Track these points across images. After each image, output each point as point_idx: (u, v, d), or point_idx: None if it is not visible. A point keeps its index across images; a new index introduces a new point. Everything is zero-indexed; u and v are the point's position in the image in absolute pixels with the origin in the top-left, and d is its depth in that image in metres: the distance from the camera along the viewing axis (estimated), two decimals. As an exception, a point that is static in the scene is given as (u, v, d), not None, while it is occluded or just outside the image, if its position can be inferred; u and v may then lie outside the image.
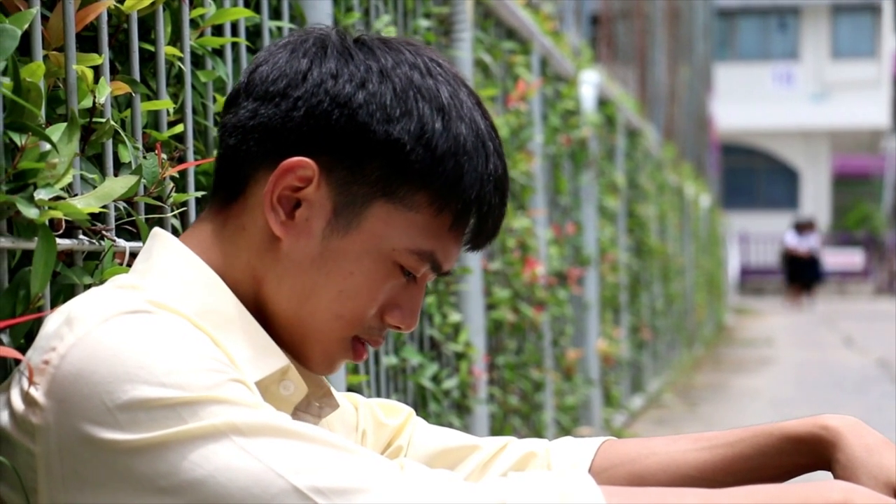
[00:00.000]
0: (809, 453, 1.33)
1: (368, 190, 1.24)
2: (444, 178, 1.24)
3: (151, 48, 1.59)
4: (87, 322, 1.12)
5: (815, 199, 32.75)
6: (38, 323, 1.22)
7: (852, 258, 27.44)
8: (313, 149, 1.24)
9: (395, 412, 1.48)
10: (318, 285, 1.26)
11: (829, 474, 1.31)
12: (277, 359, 1.25)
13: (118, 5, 1.49)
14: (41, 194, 1.22)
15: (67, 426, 1.09)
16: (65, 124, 1.27)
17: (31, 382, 1.11)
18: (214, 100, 1.77)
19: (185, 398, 1.08)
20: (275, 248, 1.26)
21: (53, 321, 1.14)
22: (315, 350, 1.29)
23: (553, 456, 1.44)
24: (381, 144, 1.23)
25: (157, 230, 1.30)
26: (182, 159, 1.61)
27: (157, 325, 1.13)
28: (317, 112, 1.23)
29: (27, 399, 1.11)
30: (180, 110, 1.66)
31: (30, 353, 1.14)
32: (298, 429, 1.09)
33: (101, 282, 1.33)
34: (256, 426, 1.08)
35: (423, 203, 1.25)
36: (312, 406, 1.34)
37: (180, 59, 1.64)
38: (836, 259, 27.65)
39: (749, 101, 31.14)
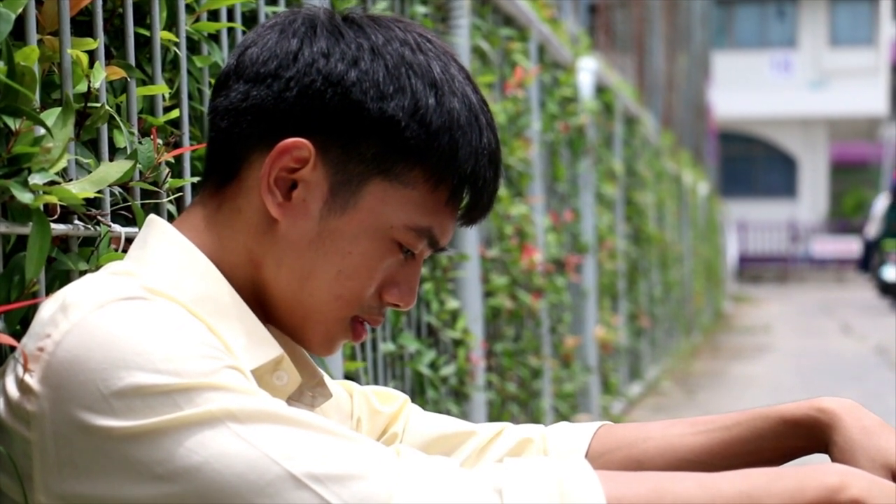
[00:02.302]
0: (806, 436, 1.33)
1: (364, 168, 1.24)
2: (439, 153, 1.24)
3: (147, 33, 1.58)
4: (82, 308, 1.11)
5: (813, 186, 32.75)
6: (33, 309, 1.21)
7: (850, 246, 27.40)
8: (307, 129, 1.23)
9: (390, 399, 1.48)
10: (317, 266, 1.25)
11: (826, 457, 1.30)
12: (272, 348, 1.24)
13: (113, -10, 1.49)
14: (36, 179, 1.22)
15: (62, 413, 1.08)
16: (59, 109, 1.26)
17: (25, 369, 1.10)
18: (210, 85, 1.76)
19: (180, 385, 1.07)
20: (272, 231, 1.25)
21: (48, 308, 1.14)
22: (315, 331, 1.29)
23: (549, 441, 1.43)
24: (375, 122, 1.23)
25: (152, 217, 1.29)
26: (178, 144, 1.61)
27: (153, 311, 1.12)
28: (310, 92, 1.23)
29: (22, 386, 1.10)
30: (176, 95, 1.65)
31: (24, 339, 1.13)
32: (295, 415, 1.09)
33: (97, 267, 1.33)
34: (252, 413, 1.07)
35: (419, 179, 1.25)
36: (305, 396, 1.34)
37: (176, 44, 1.63)
38: (833, 246, 27.67)
39: (747, 88, 31.09)
